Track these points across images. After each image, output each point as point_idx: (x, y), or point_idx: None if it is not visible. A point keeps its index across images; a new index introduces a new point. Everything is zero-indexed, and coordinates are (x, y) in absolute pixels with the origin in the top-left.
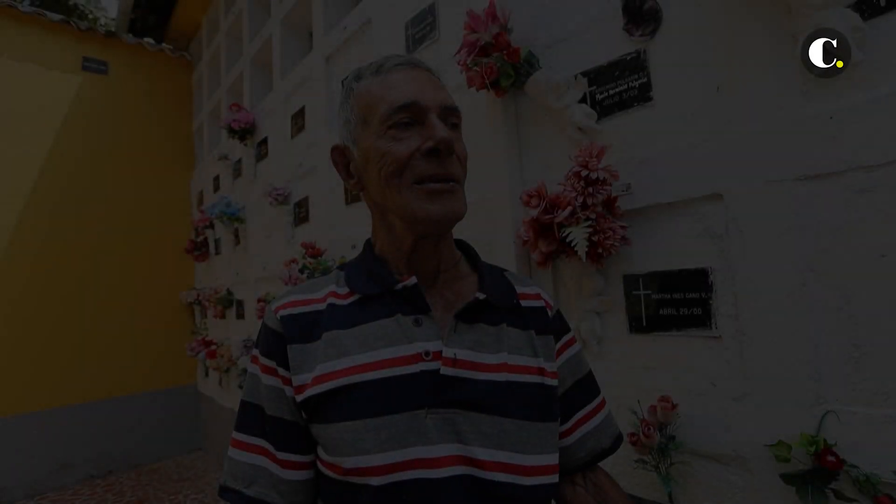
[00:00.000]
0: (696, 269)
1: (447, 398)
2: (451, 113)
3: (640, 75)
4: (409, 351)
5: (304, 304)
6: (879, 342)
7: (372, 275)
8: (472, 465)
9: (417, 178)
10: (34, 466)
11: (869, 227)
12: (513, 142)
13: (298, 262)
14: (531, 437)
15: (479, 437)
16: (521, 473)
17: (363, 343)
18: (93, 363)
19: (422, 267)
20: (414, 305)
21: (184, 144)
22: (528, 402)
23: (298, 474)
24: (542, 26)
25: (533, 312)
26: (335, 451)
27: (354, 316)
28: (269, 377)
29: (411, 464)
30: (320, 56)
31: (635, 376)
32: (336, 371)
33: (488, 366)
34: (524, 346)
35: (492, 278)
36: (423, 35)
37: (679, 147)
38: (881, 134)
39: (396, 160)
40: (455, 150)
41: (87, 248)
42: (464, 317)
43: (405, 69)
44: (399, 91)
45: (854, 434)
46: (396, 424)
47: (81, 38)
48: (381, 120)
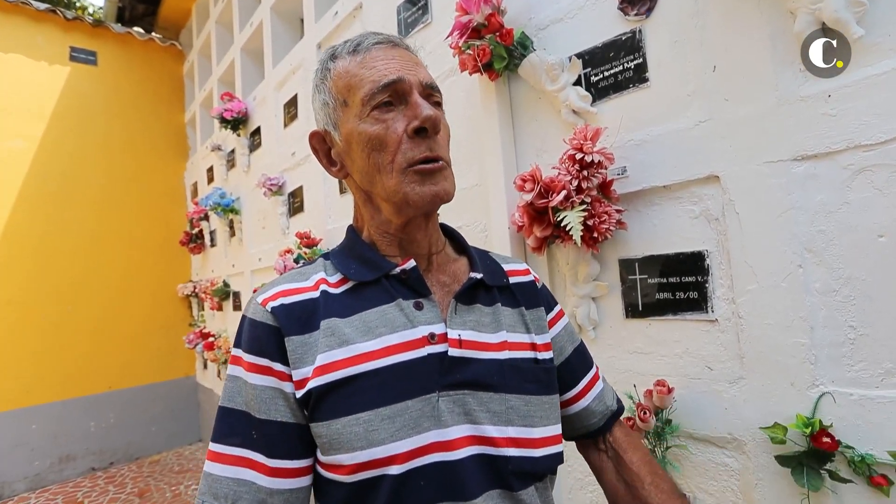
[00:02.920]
0: (692, 252)
1: (456, 380)
2: (433, 91)
3: (636, 56)
4: (415, 335)
5: (295, 294)
6: (875, 323)
7: (365, 261)
8: (484, 443)
9: (409, 161)
10: (36, 460)
11: (867, 207)
12: (507, 125)
13: (293, 252)
14: (537, 410)
15: (489, 415)
16: (531, 447)
17: (366, 331)
18: (92, 357)
19: (415, 250)
20: (413, 289)
21: (176, 135)
22: (530, 377)
23: (293, 482)
24: (536, 7)
25: (521, 288)
26: (344, 447)
27: (351, 304)
28: (259, 377)
29: (428, 448)
30: (312, 42)
31: (631, 361)
32: (339, 361)
33: (490, 345)
34: (517, 324)
35: (482, 259)
36: (415, 19)
37: (675, 129)
38: (880, 111)
39: (384, 144)
40: (439, 128)
41: (84, 242)
42: (462, 298)
43: (384, 47)
44: (380, 70)
45: (849, 415)
46: (410, 410)
47: (69, 28)
48: (363, 101)
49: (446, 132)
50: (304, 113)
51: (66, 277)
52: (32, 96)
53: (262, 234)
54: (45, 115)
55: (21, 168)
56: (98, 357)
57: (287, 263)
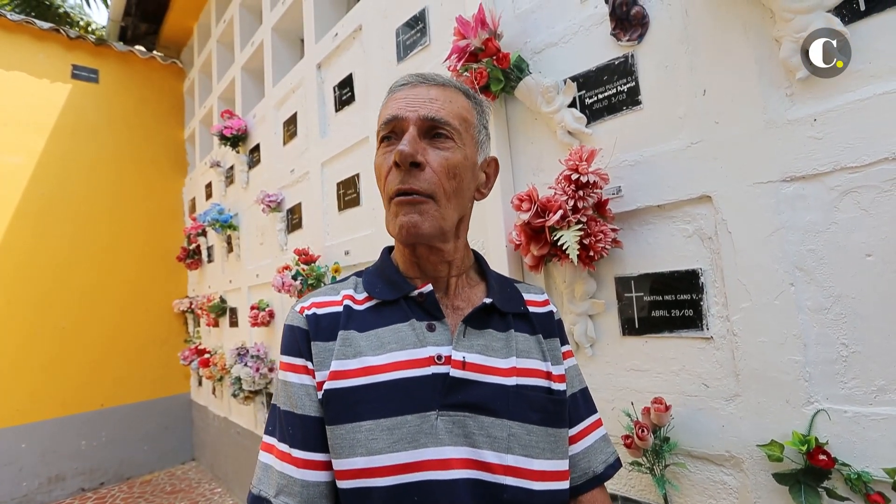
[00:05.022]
0: (687, 270)
1: (457, 401)
2: (436, 124)
3: (629, 80)
4: (422, 354)
5: (325, 306)
6: (867, 341)
7: (390, 281)
8: (481, 468)
9: (389, 193)
10: (24, 480)
11: (854, 228)
12: (504, 146)
13: (292, 269)
14: (540, 441)
15: (489, 440)
16: (530, 478)
17: (378, 346)
18: (85, 374)
19: (432, 273)
20: (428, 311)
21: (176, 151)
22: (538, 406)
23: (322, 475)
24: (532, 32)
25: (540, 318)
26: (346, 452)
27: (371, 320)
28: (298, 375)
29: (423, 465)
30: (312, 62)
31: (629, 378)
32: (349, 370)
33: (498, 370)
34: (533, 350)
35: (500, 285)
36: (413, 41)
37: (668, 150)
38: (863, 136)
39: (380, 176)
40: (428, 160)
41: (79, 259)
42: (473, 322)
43: (405, 88)
44: (389, 109)
45: (845, 432)
46: (408, 425)
47: (71, 47)
48: (377, 136)
49: (447, 163)
50: (304, 131)
51: (61, 294)
52: (33, 113)
53: (260, 250)
54: (46, 131)
55: (20, 183)
56: (92, 374)
57: (285, 280)
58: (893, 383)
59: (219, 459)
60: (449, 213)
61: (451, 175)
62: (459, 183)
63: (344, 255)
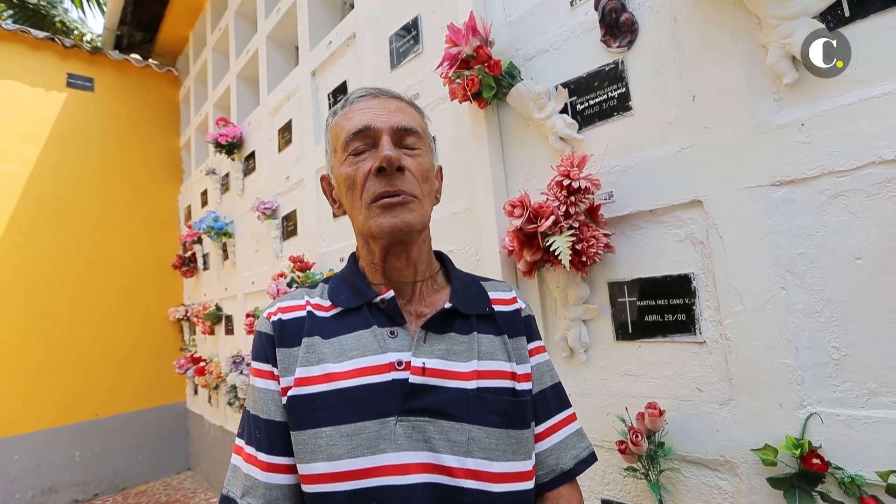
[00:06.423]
0: (679, 275)
1: (416, 406)
2: (407, 133)
3: (619, 86)
4: (383, 360)
5: (290, 311)
6: (858, 344)
7: (354, 288)
8: (441, 472)
9: (372, 197)
10: (17, 492)
11: (843, 231)
12: (496, 152)
13: (287, 276)
14: (500, 443)
15: (449, 444)
16: (490, 480)
17: (340, 353)
18: (80, 383)
19: (397, 278)
20: (390, 318)
21: (171, 159)
22: (499, 409)
23: (287, 478)
24: (523, 39)
25: (506, 317)
26: (309, 457)
27: (334, 327)
28: (262, 380)
29: (380, 470)
30: (307, 70)
31: (623, 383)
32: (312, 377)
33: (459, 374)
34: (497, 351)
35: (463, 288)
36: (406, 48)
37: (659, 155)
38: (850, 140)
39: (355, 183)
40: (407, 166)
41: (74, 267)
42: (433, 327)
43: (365, 100)
44: (354, 120)
45: (838, 436)
46: (367, 430)
47: (67, 55)
48: (343, 148)
49: (421, 168)
50: (298, 138)
51: (55, 302)
52: (27, 121)
53: (256, 257)
54: (40, 139)
55: (14, 192)
56: (86, 383)
57: (280, 287)
58: (885, 386)
59: (215, 469)
60: (428, 212)
61: (425, 178)
62: (430, 186)
63: (339, 262)
